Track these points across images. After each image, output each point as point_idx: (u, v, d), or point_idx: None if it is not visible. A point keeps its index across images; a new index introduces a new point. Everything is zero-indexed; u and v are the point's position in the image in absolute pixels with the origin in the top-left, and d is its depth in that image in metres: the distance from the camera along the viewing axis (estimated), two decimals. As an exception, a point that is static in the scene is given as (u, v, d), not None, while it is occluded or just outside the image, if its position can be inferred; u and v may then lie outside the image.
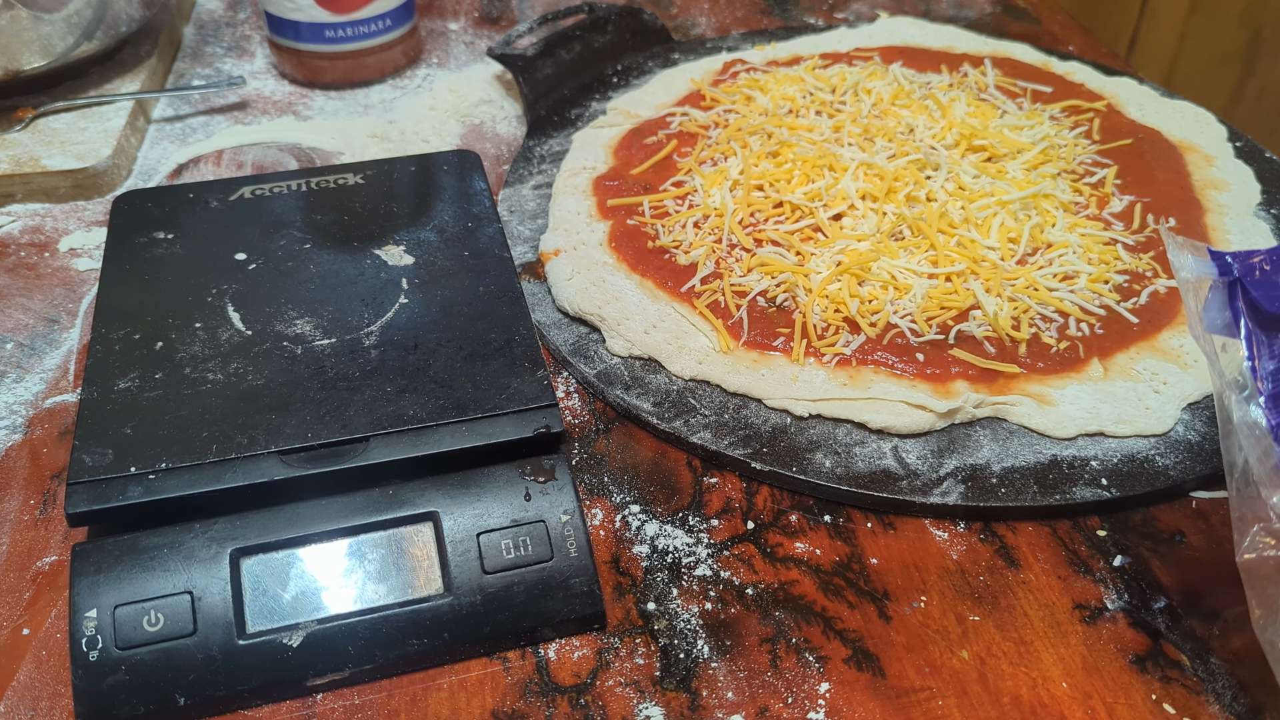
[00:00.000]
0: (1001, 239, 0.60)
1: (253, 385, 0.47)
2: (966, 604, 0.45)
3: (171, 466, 0.43)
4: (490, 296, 0.53)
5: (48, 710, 0.41)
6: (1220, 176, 0.68)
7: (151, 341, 0.49)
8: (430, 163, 0.63)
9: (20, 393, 0.55)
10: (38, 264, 0.64)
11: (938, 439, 0.51)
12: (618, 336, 0.56)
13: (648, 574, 0.46)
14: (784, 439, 0.51)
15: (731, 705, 0.41)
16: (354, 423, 0.45)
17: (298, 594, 0.42)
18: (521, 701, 0.42)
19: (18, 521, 0.49)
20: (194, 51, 0.87)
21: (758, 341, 0.55)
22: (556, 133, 0.74)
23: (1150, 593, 0.46)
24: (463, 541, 0.43)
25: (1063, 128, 0.71)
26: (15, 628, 0.44)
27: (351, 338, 0.50)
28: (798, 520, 0.49)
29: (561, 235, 0.63)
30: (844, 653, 0.43)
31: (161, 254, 0.55)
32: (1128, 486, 0.49)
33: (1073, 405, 0.52)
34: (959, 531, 0.48)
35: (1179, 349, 0.55)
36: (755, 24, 0.92)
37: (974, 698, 0.42)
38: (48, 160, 0.69)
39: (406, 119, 0.78)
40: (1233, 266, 0.41)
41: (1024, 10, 0.95)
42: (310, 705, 0.42)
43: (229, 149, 0.75)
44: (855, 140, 0.67)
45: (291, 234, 0.57)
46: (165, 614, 0.41)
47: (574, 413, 0.54)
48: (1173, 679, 0.43)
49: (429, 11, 0.93)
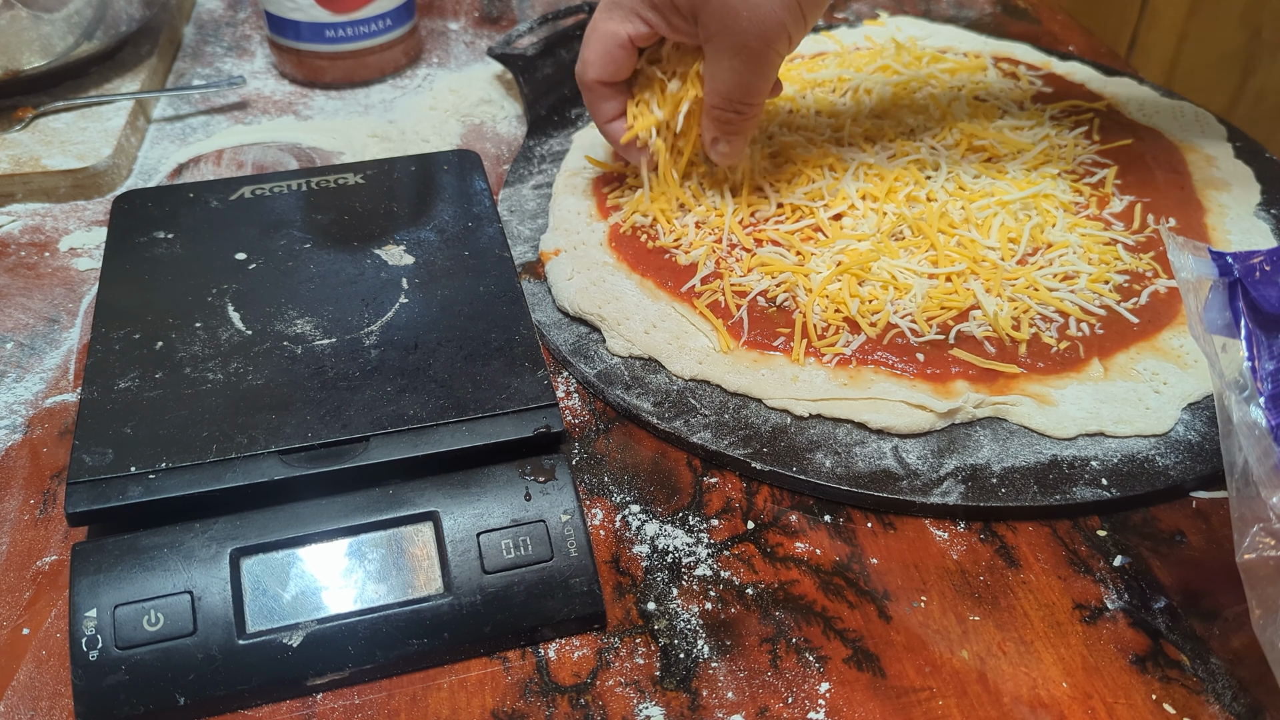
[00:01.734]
0: (1001, 239, 0.60)
1: (253, 385, 0.47)
2: (966, 604, 0.45)
3: (171, 466, 0.43)
4: (490, 296, 0.53)
5: (48, 710, 0.41)
6: (1220, 176, 0.68)
7: (151, 341, 0.49)
8: (430, 162, 0.63)
9: (20, 392, 0.55)
10: (38, 264, 0.64)
11: (938, 439, 0.51)
12: (618, 336, 0.56)
13: (648, 574, 0.46)
14: (784, 439, 0.51)
15: (731, 705, 0.41)
16: (354, 422, 0.45)
17: (298, 594, 0.42)
18: (521, 701, 0.42)
19: (18, 521, 0.49)
20: (194, 51, 0.87)
21: (758, 341, 0.55)
22: (557, 133, 0.74)
23: (1150, 593, 0.46)
24: (463, 541, 0.43)
25: (1063, 128, 0.71)
26: (15, 627, 0.44)
27: (351, 337, 0.50)
28: (798, 520, 0.49)
29: (561, 235, 0.63)
30: (844, 653, 0.43)
31: (161, 254, 0.55)
32: (1128, 486, 0.49)
33: (1073, 405, 0.52)
34: (959, 531, 0.48)
35: (1179, 349, 0.55)
36: (755, 24, 0.92)
37: (974, 698, 0.42)
38: (48, 160, 0.69)
39: (406, 119, 0.78)
40: (1233, 267, 0.41)
41: (1024, 10, 0.95)
42: (310, 705, 0.42)
43: (229, 149, 0.75)
44: (855, 140, 0.67)
45: (291, 234, 0.57)
46: (165, 614, 0.41)
47: (574, 413, 0.54)
48: (1173, 679, 0.43)
49: (429, 11, 0.93)
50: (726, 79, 0.55)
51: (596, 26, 0.58)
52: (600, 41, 0.58)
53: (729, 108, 0.57)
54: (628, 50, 0.58)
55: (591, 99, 0.61)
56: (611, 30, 0.57)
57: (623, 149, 0.62)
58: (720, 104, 0.57)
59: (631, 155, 0.62)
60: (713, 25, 0.53)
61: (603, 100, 0.61)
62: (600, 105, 0.61)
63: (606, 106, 0.61)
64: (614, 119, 0.62)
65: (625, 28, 0.57)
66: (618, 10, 0.57)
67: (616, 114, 0.61)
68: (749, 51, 0.54)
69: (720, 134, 0.58)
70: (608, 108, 0.61)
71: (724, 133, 0.58)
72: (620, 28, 0.57)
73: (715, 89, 0.56)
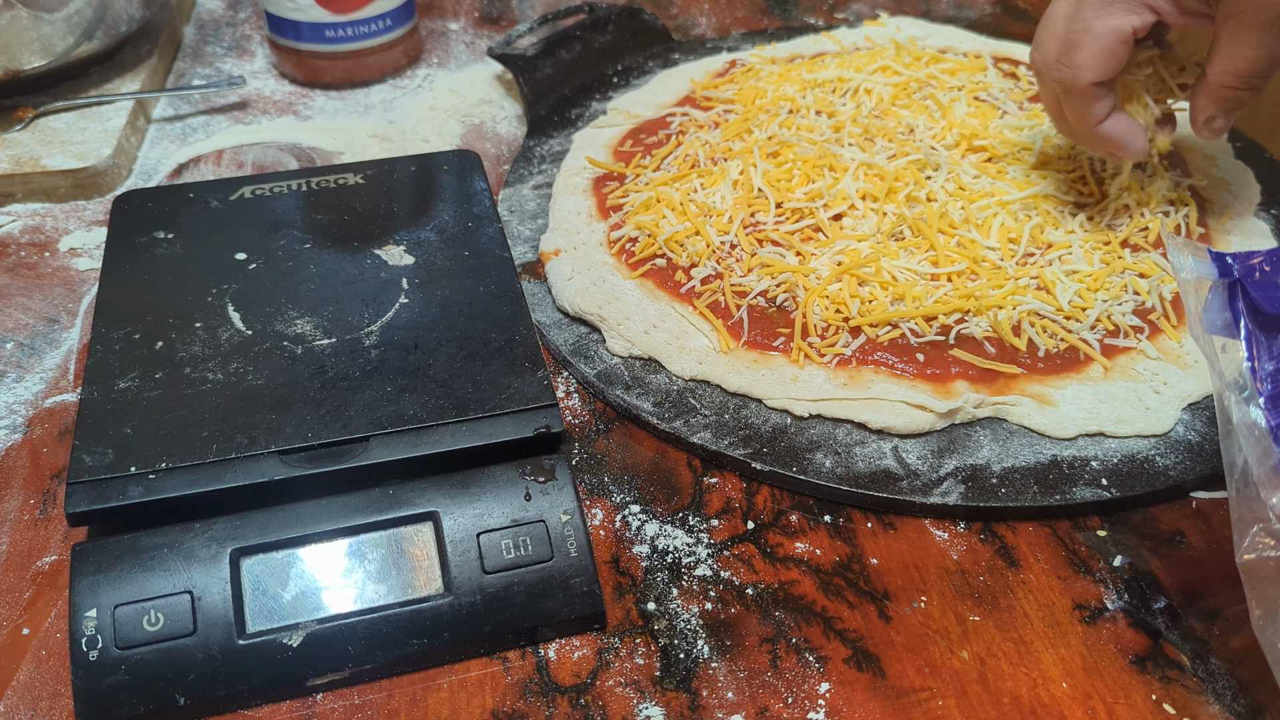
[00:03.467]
0: (1002, 239, 0.60)
1: (253, 385, 0.47)
2: (966, 604, 0.45)
3: (171, 466, 0.43)
4: (490, 296, 0.53)
5: (48, 710, 0.41)
6: (1220, 176, 0.68)
7: (151, 341, 0.49)
8: (430, 163, 0.63)
9: (20, 392, 0.55)
10: (38, 264, 0.64)
11: (938, 439, 0.51)
12: (618, 336, 0.56)
13: (648, 574, 0.46)
14: (784, 439, 0.51)
15: (731, 705, 0.41)
16: (354, 423, 0.45)
17: (298, 594, 0.42)
18: (521, 701, 0.42)
19: (18, 521, 0.49)
20: (194, 51, 0.87)
21: (758, 342, 0.55)
22: (556, 133, 0.74)
23: (1150, 593, 0.46)
24: (463, 541, 0.43)
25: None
26: (15, 627, 0.44)
27: (352, 337, 0.50)
28: (798, 520, 0.49)
29: (561, 235, 0.63)
30: (844, 653, 0.43)
31: (161, 254, 0.55)
32: (1128, 487, 0.49)
33: (1073, 405, 0.52)
34: (959, 531, 0.48)
35: (1179, 349, 0.55)
36: (755, 24, 0.92)
37: (974, 698, 0.42)
38: (48, 160, 0.69)
39: (406, 119, 0.78)
40: (1233, 267, 0.41)
41: (1024, 10, 0.95)
42: (310, 705, 0.42)
43: (229, 149, 0.75)
44: (855, 140, 0.67)
45: (291, 234, 0.57)
46: (165, 614, 0.41)
47: (574, 413, 0.54)
48: (1173, 679, 0.43)
49: (429, 11, 0.93)
50: (1250, 55, 0.53)
51: (1091, 25, 0.55)
52: (1099, 40, 0.55)
53: (1244, 85, 0.55)
54: (1129, 45, 0.56)
55: (1084, 103, 0.57)
56: (1114, 26, 0.55)
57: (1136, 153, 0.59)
58: (1234, 82, 0.55)
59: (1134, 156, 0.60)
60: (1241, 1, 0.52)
61: (1095, 101, 0.57)
62: (1093, 107, 0.57)
63: (1099, 107, 0.57)
64: (1104, 119, 0.58)
65: (1130, 20, 0.55)
66: (1119, 5, 0.55)
67: (1107, 113, 0.58)
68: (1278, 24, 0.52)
69: (1221, 111, 0.57)
70: (1100, 108, 0.58)
71: (1226, 110, 0.56)
72: (1124, 21, 0.55)
73: (1231, 68, 0.54)
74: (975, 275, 0.58)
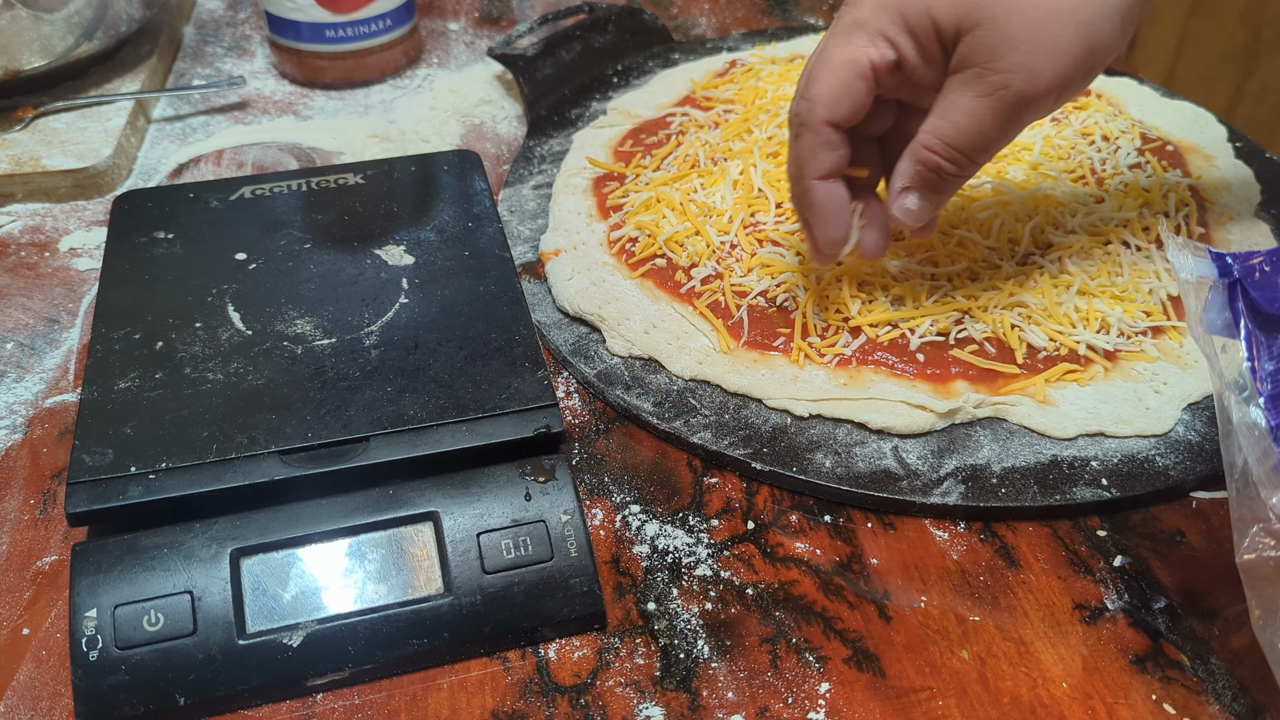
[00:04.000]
0: (1002, 239, 0.60)
1: (253, 385, 0.47)
2: (966, 604, 0.45)
3: (171, 466, 0.43)
4: (490, 296, 0.53)
5: (48, 710, 0.41)
6: (1220, 176, 0.68)
7: (151, 341, 0.49)
8: (430, 163, 0.63)
9: (20, 393, 0.55)
10: (38, 264, 0.64)
11: (938, 439, 0.51)
12: (618, 336, 0.56)
13: (648, 574, 0.46)
14: (784, 439, 0.51)
15: (731, 705, 0.41)
16: (354, 423, 0.45)
17: (298, 594, 0.42)
18: (521, 701, 0.42)
19: (18, 521, 0.49)
20: (194, 51, 0.87)
21: (758, 342, 0.55)
22: (556, 133, 0.74)
23: (1150, 593, 0.46)
24: (463, 541, 0.44)
25: (1063, 128, 0.71)
26: (15, 628, 0.44)
27: (352, 338, 0.50)
28: (798, 520, 0.49)
29: (561, 235, 0.63)
30: (844, 653, 0.43)
31: (161, 254, 0.55)
32: (1128, 487, 0.49)
33: (1073, 405, 0.52)
34: (959, 531, 0.48)
35: (1179, 349, 0.55)
36: (755, 24, 0.92)
37: (974, 698, 0.42)
38: (48, 160, 0.69)
39: (406, 119, 0.78)
40: (1233, 267, 0.41)
41: (1024, 10, 0.95)
42: (310, 705, 0.42)
43: (229, 149, 0.75)
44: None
45: (291, 234, 0.57)
46: (165, 614, 0.41)
47: (574, 413, 0.54)
48: (1173, 679, 0.43)
49: (429, 11, 0.93)
50: (960, 122, 0.46)
51: (829, 54, 0.48)
52: (835, 69, 0.47)
53: (945, 155, 0.47)
54: (869, 82, 0.47)
55: (811, 144, 0.48)
56: (851, 56, 0.47)
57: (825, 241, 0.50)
58: (938, 148, 0.47)
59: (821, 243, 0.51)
60: (976, 53, 0.45)
61: (822, 149, 0.48)
62: (818, 155, 0.49)
63: (824, 158, 0.49)
64: (827, 175, 0.49)
65: (867, 52, 0.47)
66: (859, 33, 0.47)
67: (831, 169, 0.49)
68: (1006, 94, 0.45)
69: (916, 183, 0.49)
70: (825, 160, 0.49)
71: (922, 183, 0.49)
72: (861, 53, 0.47)
73: (938, 129, 0.47)
74: (975, 275, 0.58)
